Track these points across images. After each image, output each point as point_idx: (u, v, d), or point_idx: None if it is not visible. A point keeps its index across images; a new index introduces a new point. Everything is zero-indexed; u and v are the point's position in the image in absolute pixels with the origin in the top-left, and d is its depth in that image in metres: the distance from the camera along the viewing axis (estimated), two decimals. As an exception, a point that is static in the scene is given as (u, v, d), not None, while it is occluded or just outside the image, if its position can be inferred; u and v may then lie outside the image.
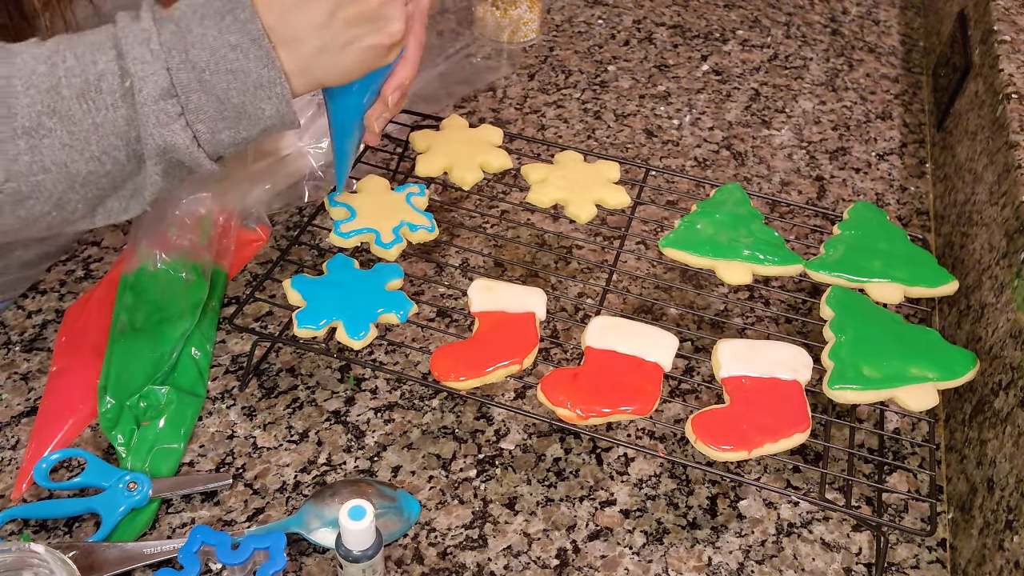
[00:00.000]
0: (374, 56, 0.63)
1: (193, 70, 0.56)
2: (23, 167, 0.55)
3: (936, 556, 0.69)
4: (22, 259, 0.87)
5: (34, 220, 0.58)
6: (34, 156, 0.55)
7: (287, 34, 0.58)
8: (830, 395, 0.68)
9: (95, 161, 0.56)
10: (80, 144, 0.55)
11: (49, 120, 0.54)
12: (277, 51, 0.57)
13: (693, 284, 0.88)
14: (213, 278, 0.81)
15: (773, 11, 1.31)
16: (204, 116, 0.57)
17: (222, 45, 0.56)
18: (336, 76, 0.62)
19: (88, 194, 0.58)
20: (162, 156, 0.57)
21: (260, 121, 0.59)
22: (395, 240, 0.77)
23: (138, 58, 0.55)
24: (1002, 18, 0.93)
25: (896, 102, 1.15)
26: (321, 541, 0.65)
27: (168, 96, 0.56)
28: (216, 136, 0.58)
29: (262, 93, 0.58)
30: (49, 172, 0.55)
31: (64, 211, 0.58)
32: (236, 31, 0.56)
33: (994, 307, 0.73)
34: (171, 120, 0.56)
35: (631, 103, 1.11)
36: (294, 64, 0.59)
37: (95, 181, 0.57)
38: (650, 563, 0.67)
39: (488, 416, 0.76)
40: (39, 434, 0.71)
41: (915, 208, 0.99)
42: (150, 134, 0.56)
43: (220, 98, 0.57)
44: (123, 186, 0.59)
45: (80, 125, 0.55)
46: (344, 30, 0.59)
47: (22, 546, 0.54)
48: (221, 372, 0.78)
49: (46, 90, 0.54)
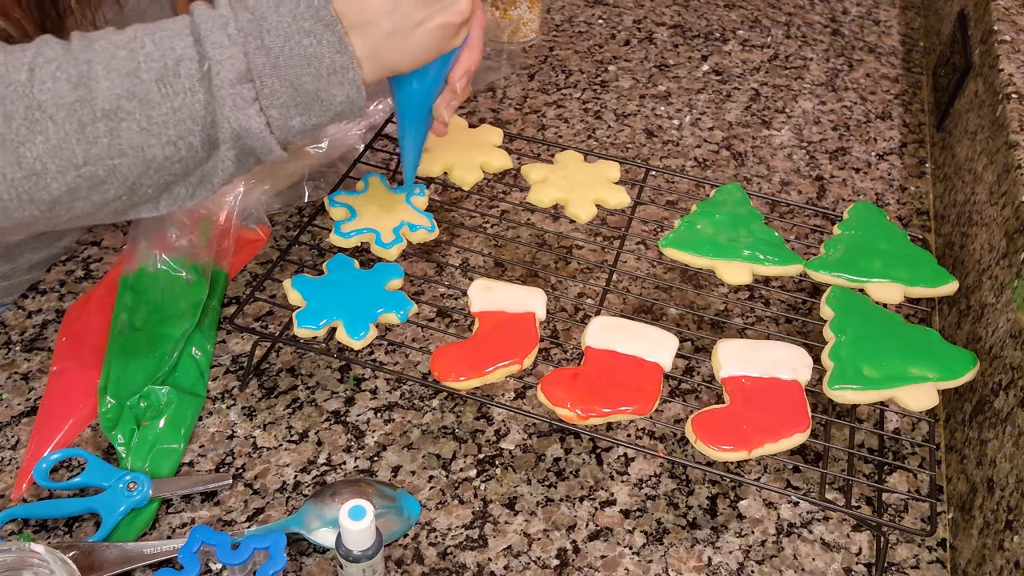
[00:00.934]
0: (443, 36, 0.63)
1: (268, 55, 0.56)
2: (102, 150, 0.55)
3: (936, 556, 0.69)
4: (31, 261, 0.87)
5: (105, 204, 0.58)
6: (112, 139, 0.55)
7: (357, 18, 0.58)
8: (830, 395, 0.68)
9: (171, 146, 0.56)
10: (157, 128, 0.56)
11: (128, 103, 0.55)
12: (349, 36, 0.58)
13: (693, 284, 0.88)
14: (213, 278, 0.81)
15: (773, 11, 1.31)
16: (277, 102, 0.57)
17: (296, 31, 0.56)
18: (407, 60, 0.62)
19: (160, 179, 0.58)
20: (236, 141, 0.58)
21: (331, 107, 0.60)
22: (395, 240, 0.77)
23: (216, 42, 0.55)
24: (1002, 18, 0.93)
25: (896, 102, 1.15)
26: (321, 541, 0.65)
27: (244, 80, 0.56)
28: (287, 122, 0.59)
29: (335, 79, 0.58)
30: (126, 156, 0.56)
31: (135, 195, 0.58)
32: (310, 17, 0.57)
33: (994, 307, 0.73)
34: (247, 104, 0.56)
35: (631, 103, 1.11)
36: (365, 48, 0.59)
37: (168, 167, 0.57)
38: (650, 563, 0.67)
39: (488, 416, 0.76)
40: (39, 434, 0.71)
41: (915, 208, 0.99)
42: (226, 117, 0.56)
43: (294, 83, 0.57)
44: (193, 172, 0.59)
45: (159, 109, 0.55)
46: (413, 10, 0.60)
47: (22, 546, 0.54)
48: (221, 372, 0.78)
49: (126, 74, 0.55)
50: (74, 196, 0.56)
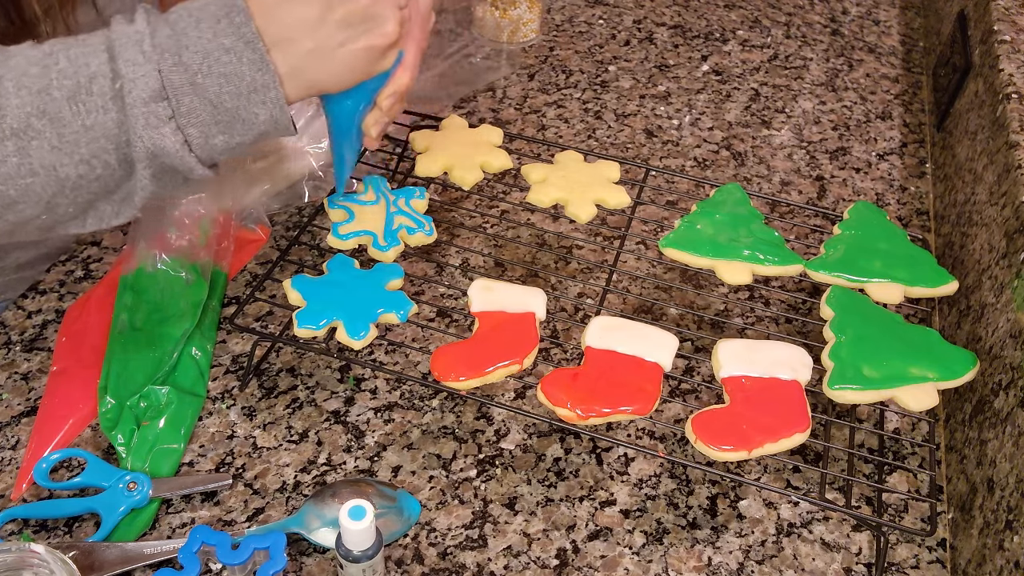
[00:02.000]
0: (368, 58, 0.61)
1: (186, 72, 0.55)
2: (11, 170, 0.54)
3: (936, 556, 0.69)
4: (18, 260, 0.87)
5: (24, 223, 0.57)
6: (22, 159, 0.54)
7: (277, 35, 0.57)
8: (830, 395, 0.68)
9: (85, 165, 0.55)
10: (69, 147, 0.54)
11: (38, 122, 0.54)
12: (270, 54, 0.57)
13: (693, 284, 0.88)
14: (213, 278, 0.81)
15: (773, 11, 1.31)
16: (196, 120, 0.56)
17: (216, 48, 0.55)
18: (331, 79, 0.61)
19: (78, 198, 0.57)
20: (152, 160, 0.56)
21: (254, 126, 0.58)
22: (392, 243, 0.77)
23: (129, 60, 0.54)
24: (1002, 18, 0.93)
25: (896, 102, 1.15)
26: (321, 541, 0.65)
27: (158, 98, 0.55)
28: (209, 141, 0.57)
29: (256, 97, 0.57)
30: (38, 175, 0.55)
31: (54, 214, 0.57)
32: (230, 34, 0.55)
33: (994, 307, 0.73)
34: (161, 123, 0.55)
35: (631, 103, 1.11)
36: (286, 65, 0.58)
37: (85, 185, 0.56)
38: (650, 563, 0.67)
39: (488, 416, 0.76)
40: (39, 434, 0.71)
41: (915, 208, 0.99)
42: (139, 136, 0.55)
43: (213, 102, 0.56)
44: (115, 191, 0.58)
45: (70, 127, 0.54)
46: (336, 30, 0.59)
47: (22, 546, 0.54)
48: (221, 372, 0.78)
49: (37, 91, 0.54)
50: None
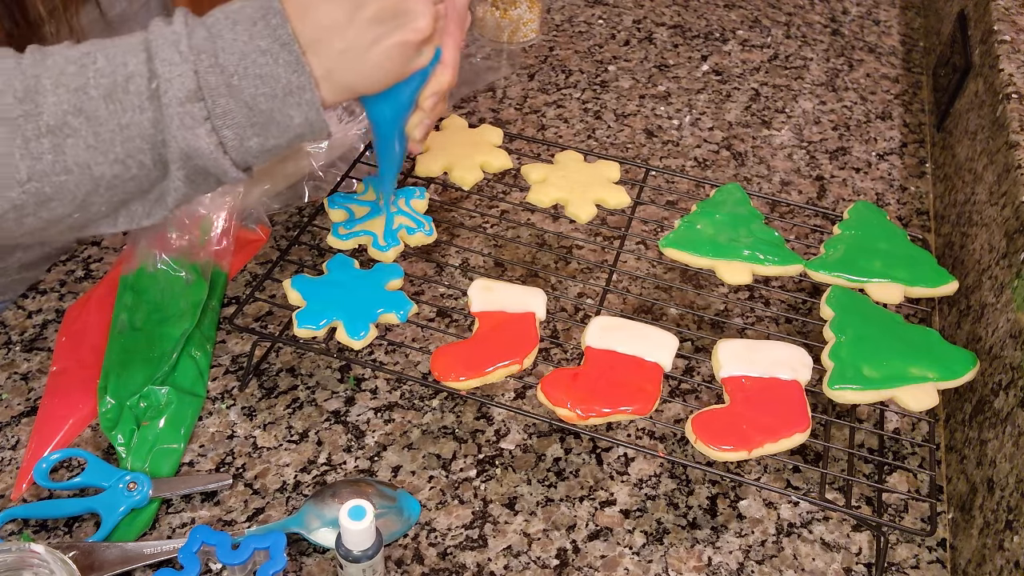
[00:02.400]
0: (402, 56, 0.60)
1: (222, 74, 0.55)
2: (46, 166, 0.54)
3: (936, 556, 0.69)
4: (21, 261, 0.87)
5: (57, 221, 0.57)
6: (57, 156, 0.54)
7: (312, 37, 0.56)
8: (830, 395, 0.68)
9: (119, 164, 0.55)
10: (105, 146, 0.54)
11: (75, 120, 0.54)
12: (305, 56, 0.56)
13: (693, 284, 0.88)
14: (213, 278, 0.81)
15: (773, 11, 1.31)
16: (231, 122, 0.56)
17: (252, 50, 0.55)
18: (365, 80, 0.60)
19: (112, 197, 0.57)
20: (186, 161, 0.56)
21: (289, 129, 0.58)
22: (392, 243, 0.77)
23: (166, 59, 0.54)
24: (1002, 18, 0.93)
25: (896, 102, 1.15)
26: (321, 541, 0.65)
27: (194, 99, 0.54)
28: (244, 143, 0.57)
29: (291, 100, 0.56)
30: (72, 173, 0.55)
31: (87, 213, 0.57)
32: (267, 36, 0.55)
33: (994, 307, 0.73)
34: (196, 124, 0.55)
35: (631, 103, 1.11)
36: (322, 68, 0.57)
37: (120, 185, 0.56)
38: (650, 563, 0.67)
39: (488, 416, 0.76)
40: (39, 434, 0.71)
41: (915, 208, 0.99)
42: (174, 137, 0.55)
43: (248, 103, 0.56)
44: (149, 191, 0.58)
45: (106, 126, 0.54)
46: (367, 28, 0.57)
47: (22, 546, 0.54)
48: (221, 372, 0.78)
49: (74, 89, 0.54)
50: (21, 212, 0.55)
